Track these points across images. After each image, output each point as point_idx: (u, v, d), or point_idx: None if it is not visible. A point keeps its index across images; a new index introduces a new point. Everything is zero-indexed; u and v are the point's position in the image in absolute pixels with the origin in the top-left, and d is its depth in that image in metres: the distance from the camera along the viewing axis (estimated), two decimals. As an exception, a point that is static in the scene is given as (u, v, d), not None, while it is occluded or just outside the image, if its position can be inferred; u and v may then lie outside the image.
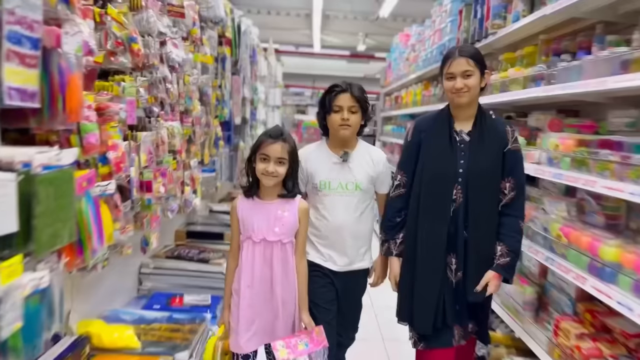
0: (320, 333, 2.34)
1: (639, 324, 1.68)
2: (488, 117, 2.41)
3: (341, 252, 2.59)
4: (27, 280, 1.47)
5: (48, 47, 1.56)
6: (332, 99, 2.53)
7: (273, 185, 2.32)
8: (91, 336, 2.37)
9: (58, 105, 1.61)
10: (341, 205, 2.56)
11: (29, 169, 1.45)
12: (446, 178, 2.36)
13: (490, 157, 2.34)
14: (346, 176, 2.57)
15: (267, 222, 2.31)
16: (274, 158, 2.25)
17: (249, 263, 2.32)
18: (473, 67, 2.31)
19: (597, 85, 1.95)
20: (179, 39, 2.96)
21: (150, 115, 2.63)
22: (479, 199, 2.32)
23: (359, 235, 2.62)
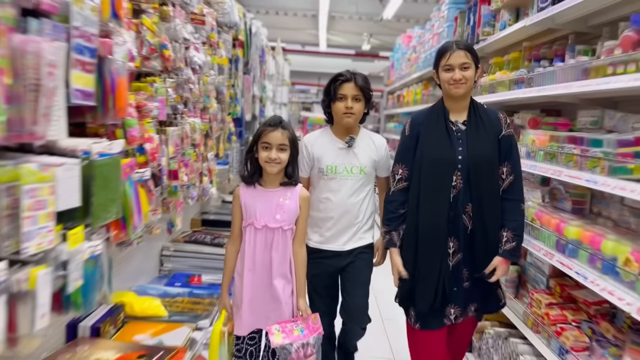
0: (316, 320, 2.37)
1: (593, 290, 1.98)
2: (481, 107, 2.49)
3: (344, 231, 2.68)
4: (86, 247, 1.77)
5: (102, 56, 1.87)
6: (337, 88, 2.63)
7: (276, 173, 2.36)
8: (124, 305, 2.69)
9: (109, 104, 1.92)
10: (346, 188, 2.66)
11: (89, 155, 1.76)
12: (445, 165, 2.40)
13: (487, 143, 2.40)
14: (351, 161, 2.67)
15: (269, 209, 2.36)
16: (276, 145, 2.31)
17: (250, 248, 2.38)
18: (470, 60, 2.39)
19: (565, 89, 2.25)
20: (199, 43, 3.26)
21: (176, 112, 2.93)
22: (481, 183, 2.36)
23: (362, 216, 2.71)
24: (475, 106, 2.48)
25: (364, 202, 2.71)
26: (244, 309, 2.38)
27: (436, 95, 5.30)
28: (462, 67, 2.38)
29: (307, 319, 2.36)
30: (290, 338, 2.26)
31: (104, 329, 2.42)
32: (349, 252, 2.71)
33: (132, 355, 2.18)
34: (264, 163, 2.33)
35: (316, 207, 2.67)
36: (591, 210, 2.48)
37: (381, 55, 15.45)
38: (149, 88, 2.46)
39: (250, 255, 2.37)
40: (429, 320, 2.48)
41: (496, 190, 2.40)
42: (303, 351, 2.28)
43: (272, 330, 2.27)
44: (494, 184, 2.40)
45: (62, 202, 1.61)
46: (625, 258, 1.79)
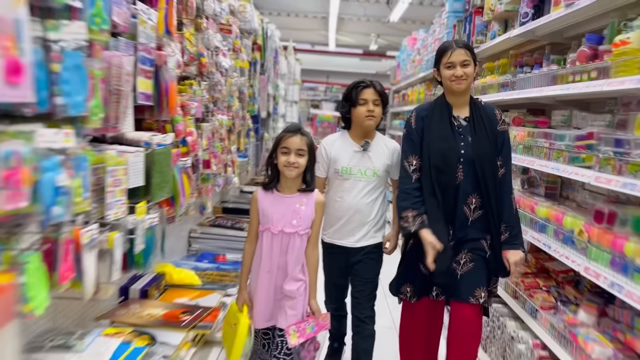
0: (326, 318, 2.45)
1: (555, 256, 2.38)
2: (479, 103, 2.59)
3: (356, 230, 2.77)
4: (147, 218, 2.19)
5: (158, 65, 2.28)
6: (359, 93, 2.72)
7: (294, 178, 2.40)
8: (165, 274, 3.11)
9: (163, 104, 2.34)
10: (359, 189, 2.75)
11: (150, 145, 2.18)
12: (450, 159, 2.47)
13: (488, 138, 2.48)
14: (365, 163, 2.76)
15: (286, 215, 2.39)
16: (294, 150, 2.35)
17: (267, 252, 2.42)
18: (469, 57, 2.48)
19: (538, 92, 2.64)
20: (227, 50, 3.67)
21: (208, 110, 3.35)
22: (486, 176, 2.44)
23: (373, 216, 2.79)
24: (474, 102, 2.58)
25: (375, 203, 2.79)
26: (259, 306, 2.44)
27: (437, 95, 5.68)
28: (463, 64, 2.46)
29: (318, 317, 2.41)
30: (303, 337, 2.34)
31: (151, 292, 2.85)
32: (359, 249, 2.79)
33: (177, 312, 2.61)
34: (283, 167, 2.37)
35: (331, 205, 2.79)
36: (561, 195, 2.88)
37: (388, 54, 15.80)
38: (188, 90, 2.87)
39: (267, 257, 2.41)
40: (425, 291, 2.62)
41: (497, 180, 2.49)
42: (312, 346, 2.39)
43: (290, 331, 2.34)
44: (495, 176, 2.48)
45: (131, 181, 2.02)
46: (579, 230, 2.18)
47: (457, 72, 2.46)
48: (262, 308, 2.44)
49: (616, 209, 2.00)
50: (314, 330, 2.37)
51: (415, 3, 9.32)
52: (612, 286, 1.85)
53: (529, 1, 2.95)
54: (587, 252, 2.09)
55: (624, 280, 1.82)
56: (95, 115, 1.63)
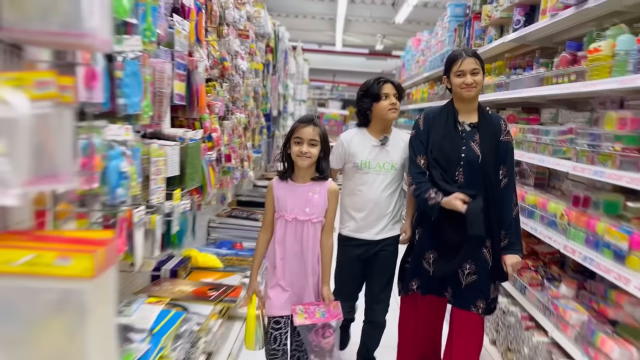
0: (337, 307, 2.42)
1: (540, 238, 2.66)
2: (486, 112, 2.61)
3: (375, 222, 2.77)
4: (181, 204, 2.48)
5: (190, 69, 2.57)
6: (380, 88, 2.73)
7: (307, 167, 2.39)
8: (190, 257, 3.41)
9: (194, 104, 2.62)
10: (378, 182, 2.76)
11: (184, 140, 2.47)
12: (450, 162, 2.51)
13: (490, 145, 2.50)
14: (384, 157, 2.77)
15: (299, 203, 2.40)
16: (307, 140, 2.35)
17: (281, 239, 2.42)
18: (478, 66, 2.51)
19: (527, 93, 2.91)
20: (244, 53, 3.96)
21: (228, 109, 3.64)
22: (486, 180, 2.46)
23: (392, 208, 2.80)
24: (482, 110, 2.60)
25: (394, 196, 2.81)
26: (276, 292, 2.43)
27: (438, 94, 5.95)
28: (473, 72, 2.49)
29: (329, 304, 2.40)
30: (311, 319, 2.34)
31: (179, 273, 3.15)
32: (378, 241, 2.80)
33: (204, 289, 2.90)
34: (296, 157, 2.38)
35: (351, 198, 2.82)
36: (549, 184, 3.15)
37: (393, 54, 16.01)
38: (213, 91, 3.16)
39: (281, 244, 2.43)
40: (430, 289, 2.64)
41: (495, 183, 2.50)
42: (322, 332, 2.37)
43: (297, 310, 2.35)
44: (496, 183, 2.50)
45: (169, 171, 2.31)
46: (561, 214, 2.44)
47: (467, 80, 2.48)
48: (278, 295, 2.43)
49: (590, 194, 2.27)
50: (324, 317, 2.36)
51: (420, 5, 9.55)
52: (584, 260, 2.12)
53: (520, 9, 3.22)
54: (566, 232, 2.37)
55: (595, 254, 2.09)
56: (146, 114, 1.91)
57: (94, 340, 1.03)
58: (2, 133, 0.90)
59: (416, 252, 2.68)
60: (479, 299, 2.53)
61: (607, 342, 1.95)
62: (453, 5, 5.04)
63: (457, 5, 4.96)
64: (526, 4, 3.20)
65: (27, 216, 1.17)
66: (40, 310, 1.00)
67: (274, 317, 2.42)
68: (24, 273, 0.98)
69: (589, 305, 2.34)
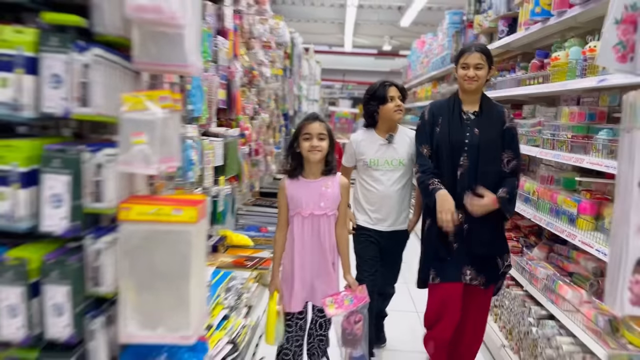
0: (363, 290, 2.47)
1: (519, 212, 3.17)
2: (490, 102, 2.72)
3: (387, 216, 2.92)
4: (225, 188, 3.02)
5: (230, 79, 3.11)
6: (386, 91, 2.89)
7: (317, 162, 2.44)
8: (226, 237, 3.95)
9: (233, 107, 3.17)
10: (387, 178, 2.90)
11: (226, 137, 3.01)
12: (455, 146, 2.61)
13: (492, 131, 2.60)
14: (391, 154, 2.92)
15: (313, 198, 2.44)
16: (315, 134, 2.41)
17: (299, 234, 2.46)
18: (484, 61, 2.61)
19: (507, 92, 3.41)
20: (267, 62, 4.50)
21: (255, 111, 4.18)
22: (484, 163, 2.58)
23: (401, 203, 2.94)
24: (486, 100, 2.71)
25: (404, 190, 2.94)
26: (295, 288, 2.47)
27: (441, 92, 6.44)
28: (476, 67, 2.59)
29: (355, 290, 2.46)
30: (342, 308, 2.38)
31: (219, 248, 3.69)
32: (390, 233, 2.95)
33: (241, 260, 3.45)
34: (307, 152, 2.41)
35: (363, 193, 2.97)
36: (529, 169, 3.66)
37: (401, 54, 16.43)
38: (244, 95, 3.71)
39: (299, 239, 2.46)
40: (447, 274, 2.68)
41: (498, 171, 2.59)
42: (353, 318, 2.41)
43: (327, 302, 2.39)
44: (496, 165, 2.59)
45: (216, 161, 2.85)
46: (533, 191, 2.95)
47: (470, 73, 2.60)
48: (297, 290, 2.46)
49: (554, 174, 2.77)
50: (352, 303, 2.40)
51: (425, 9, 10.02)
52: (548, 225, 2.63)
53: (504, 21, 3.71)
54: (536, 205, 2.87)
55: (555, 220, 2.59)
56: (204, 117, 2.45)
57: (195, 262, 1.57)
58: (146, 129, 1.44)
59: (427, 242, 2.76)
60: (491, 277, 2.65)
61: (563, 287, 2.47)
62: (451, 13, 5.54)
63: (454, 14, 5.46)
64: (509, 16, 3.70)
65: (143, 186, 1.71)
66: (166, 245, 1.54)
67: (292, 312, 2.48)
68: (153, 220, 1.51)
69: (556, 264, 2.85)
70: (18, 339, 1.48)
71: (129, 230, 1.51)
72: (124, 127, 1.43)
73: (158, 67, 1.55)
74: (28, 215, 1.46)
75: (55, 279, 1.48)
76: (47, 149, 1.46)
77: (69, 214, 1.47)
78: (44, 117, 1.48)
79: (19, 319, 1.47)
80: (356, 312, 2.40)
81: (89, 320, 1.52)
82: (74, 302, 1.49)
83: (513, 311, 2.98)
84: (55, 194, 1.46)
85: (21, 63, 1.42)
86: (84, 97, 1.43)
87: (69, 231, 1.47)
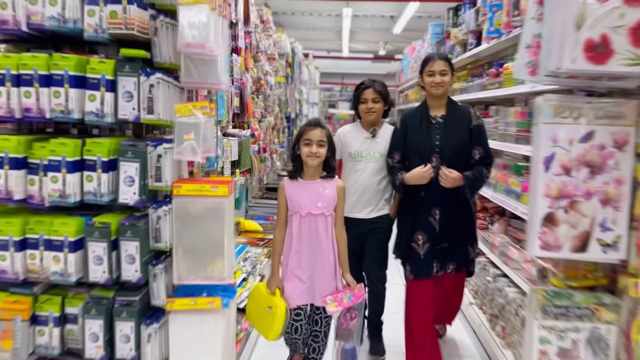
0: (360, 289, 2.50)
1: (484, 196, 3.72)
2: (456, 105, 2.83)
3: (368, 202, 3.02)
4: (240, 179, 3.58)
5: (242, 88, 3.67)
6: (360, 94, 3.01)
7: (316, 166, 2.46)
8: (240, 223, 4.51)
9: (245, 112, 3.73)
10: (369, 169, 3.01)
11: (240, 137, 3.57)
12: (425, 149, 2.72)
13: (459, 132, 2.72)
14: (374, 147, 3.01)
15: (311, 198, 2.46)
16: (316, 141, 2.42)
17: (297, 233, 2.47)
18: (447, 68, 2.73)
19: (476, 95, 3.97)
20: (272, 71, 5.06)
21: (262, 115, 4.74)
22: (454, 162, 2.67)
23: (382, 191, 3.02)
24: (451, 103, 2.82)
25: (383, 181, 3.02)
26: (292, 284, 2.49)
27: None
28: (441, 73, 2.71)
29: (354, 288, 2.48)
30: (341, 305, 2.41)
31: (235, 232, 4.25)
32: (371, 220, 3.02)
33: (254, 240, 4.01)
34: (306, 157, 2.43)
35: (346, 183, 2.90)
36: (495, 160, 4.23)
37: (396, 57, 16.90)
38: (253, 101, 4.27)
39: (297, 238, 2.47)
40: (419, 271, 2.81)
41: (465, 168, 2.68)
42: (349, 314, 2.45)
43: (327, 300, 2.41)
44: (463, 163, 2.69)
45: (233, 156, 3.42)
46: (493, 176, 3.51)
47: (436, 80, 2.71)
48: (294, 287, 2.48)
49: (508, 162, 3.33)
50: (351, 300, 2.43)
51: (415, 17, 10.55)
52: (502, 202, 3.18)
53: (473, 35, 4.27)
54: (495, 188, 3.44)
55: (506, 198, 3.14)
56: (224, 120, 3.01)
57: (227, 225, 2.12)
58: (193, 130, 2.00)
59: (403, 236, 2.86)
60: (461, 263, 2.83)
61: (511, 250, 3.03)
62: (433, 25, 6.10)
63: (436, 25, 6.03)
64: (476, 31, 4.25)
65: (185, 171, 2.27)
66: (206, 213, 2.09)
67: (294, 307, 2.48)
68: (197, 195, 2.07)
69: (511, 235, 3.41)
70: (102, 281, 2.04)
71: (180, 202, 2.06)
72: (178, 128, 1.98)
73: (198, 84, 2.12)
74: (109, 192, 2.02)
75: (128, 237, 2.03)
76: (122, 144, 2.02)
77: (138, 190, 2.02)
78: (119, 122, 2.04)
79: (103, 266, 2.03)
80: (353, 309, 2.45)
81: (152, 267, 2.08)
82: (142, 254, 2.04)
83: (478, 275, 3.54)
84: (128, 176, 2.02)
85: (104, 84, 1.98)
86: (149, 107, 1.98)
87: (138, 203, 2.03)
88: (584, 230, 2.01)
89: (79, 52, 2.08)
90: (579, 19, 1.81)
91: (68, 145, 1.97)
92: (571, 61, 1.82)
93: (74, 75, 1.96)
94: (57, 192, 1.98)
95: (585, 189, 2.00)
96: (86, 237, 2.01)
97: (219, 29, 2.04)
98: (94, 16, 1.93)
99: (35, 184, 1.99)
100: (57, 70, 1.95)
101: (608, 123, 1.99)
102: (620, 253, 2.00)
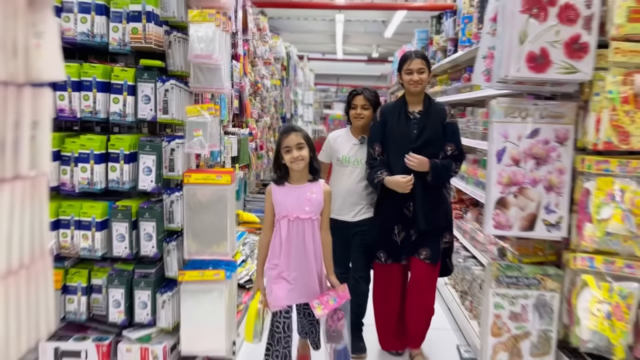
0: (345, 289, 2.50)
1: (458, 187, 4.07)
2: (432, 101, 2.88)
3: (354, 206, 3.03)
4: (238, 173, 3.92)
5: (241, 91, 4.01)
6: (351, 100, 3.05)
7: (302, 169, 2.45)
8: (239, 214, 4.85)
9: (244, 112, 4.07)
10: (356, 175, 3.03)
11: (239, 135, 3.91)
12: (403, 143, 2.77)
13: (435, 127, 2.79)
14: (361, 154, 3.01)
15: (299, 203, 2.45)
16: (294, 145, 2.40)
17: (285, 237, 2.46)
18: (425, 66, 2.77)
19: (454, 97, 4.32)
20: (268, 75, 5.40)
21: (259, 115, 5.08)
22: (429, 155, 2.73)
23: (366, 196, 3.05)
24: (428, 100, 2.87)
25: (369, 186, 3.01)
26: (280, 286, 2.47)
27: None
28: (419, 71, 2.76)
29: (338, 289, 2.48)
30: (327, 308, 2.41)
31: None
32: (356, 223, 3.02)
33: (252, 229, 4.35)
34: (290, 164, 2.42)
35: (334, 186, 3.00)
36: (470, 157, 4.58)
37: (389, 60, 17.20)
38: (251, 103, 4.60)
39: (285, 242, 2.46)
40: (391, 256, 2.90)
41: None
42: (336, 316, 2.45)
43: (314, 304, 2.41)
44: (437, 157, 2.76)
45: (232, 152, 3.76)
46: (465, 170, 3.86)
47: (414, 77, 2.76)
48: (281, 287, 2.47)
49: (479, 157, 3.69)
50: (336, 302, 2.44)
51: (405, 22, 10.90)
52: (472, 193, 3.54)
53: (451, 42, 4.61)
54: (466, 180, 3.79)
55: (475, 189, 3.49)
56: (225, 120, 3.35)
57: (229, 209, 2.46)
58: (201, 127, 2.34)
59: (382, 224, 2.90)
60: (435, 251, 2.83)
61: (479, 234, 3.38)
62: (419, 31, 6.44)
63: (421, 32, 6.37)
64: (454, 38, 4.60)
65: (193, 163, 2.61)
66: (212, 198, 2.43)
67: (281, 308, 2.46)
68: (204, 183, 2.40)
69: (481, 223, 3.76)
70: (124, 255, 2.37)
71: (190, 189, 2.40)
72: (188, 126, 2.32)
73: (205, 89, 2.46)
74: (130, 180, 2.35)
75: (146, 218, 2.36)
76: (142, 140, 2.36)
77: (154, 179, 2.35)
78: (139, 121, 2.38)
79: (125, 243, 2.36)
80: (339, 309, 2.45)
81: (166, 244, 2.42)
82: (158, 232, 2.38)
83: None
84: (146, 167, 2.35)
85: (126, 89, 2.32)
86: (165, 108, 2.32)
87: (154, 189, 2.36)
88: (531, 212, 2.34)
89: (102, 61, 2.42)
90: (522, 35, 2.16)
91: (95, 141, 2.30)
92: (516, 70, 2.17)
93: (101, 82, 2.29)
94: (86, 180, 2.31)
95: (532, 178, 2.33)
96: (110, 218, 2.35)
97: (223, 42, 2.38)
98: (118, 32, 2.26)
99: (67, 173, 2.32)
100: (86, 77, 2.28)
101: (551, 122, 2.32)
102: (562, 232, 2.32)
